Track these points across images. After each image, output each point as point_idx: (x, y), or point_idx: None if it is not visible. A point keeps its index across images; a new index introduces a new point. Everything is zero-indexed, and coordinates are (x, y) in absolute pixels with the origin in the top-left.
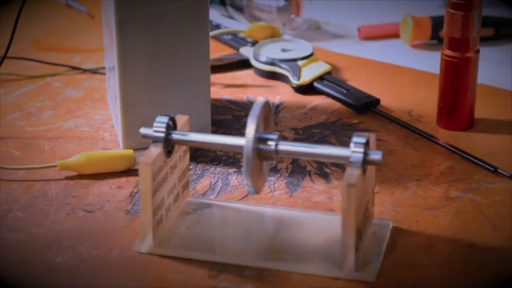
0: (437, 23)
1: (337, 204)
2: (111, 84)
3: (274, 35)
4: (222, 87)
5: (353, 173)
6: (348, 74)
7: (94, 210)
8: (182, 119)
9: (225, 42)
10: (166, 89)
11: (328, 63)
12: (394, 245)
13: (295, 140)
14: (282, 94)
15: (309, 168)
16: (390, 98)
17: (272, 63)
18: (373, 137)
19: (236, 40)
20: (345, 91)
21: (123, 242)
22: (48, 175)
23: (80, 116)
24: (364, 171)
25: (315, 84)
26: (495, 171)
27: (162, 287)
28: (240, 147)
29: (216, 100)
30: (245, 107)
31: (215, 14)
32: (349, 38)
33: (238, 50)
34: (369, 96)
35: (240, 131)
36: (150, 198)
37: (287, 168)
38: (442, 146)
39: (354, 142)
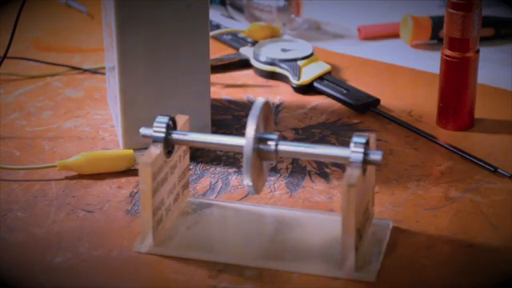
0: (437, 23)
1: (337, 204)
2: (111, 84)
3: (274, 35)
4: (222, 87)
5: (353, 173)
6: (348, 74)
7: (94, 210)
8: (182, 119)
9: (225, 42)
10: (166, 89)
11: (328, 63)
12: (394, 245)
13: (295, 140)
14: (281, 93)
15: (309, 168)
16: (390, 98)
17: (272, 63)
18: (373, 137)
19: (236, 40)
20: (345, 91)
21: (123, 242)
22: (48, 175)
23: (80, 116)
24: (364, 171)
25: (315, 84)
26: (495, 171)
27: (161, 287)
28: (240, 147)
29: (216, 100)
30: (245, 107)
31: (215, 14)
32: (349, 38)
33: (238, 49)
34: (369, 96)
35: (240, 131)
36: (150, 198)
37: (287, 168)
38: (442, 145)
39: (354, 141)
